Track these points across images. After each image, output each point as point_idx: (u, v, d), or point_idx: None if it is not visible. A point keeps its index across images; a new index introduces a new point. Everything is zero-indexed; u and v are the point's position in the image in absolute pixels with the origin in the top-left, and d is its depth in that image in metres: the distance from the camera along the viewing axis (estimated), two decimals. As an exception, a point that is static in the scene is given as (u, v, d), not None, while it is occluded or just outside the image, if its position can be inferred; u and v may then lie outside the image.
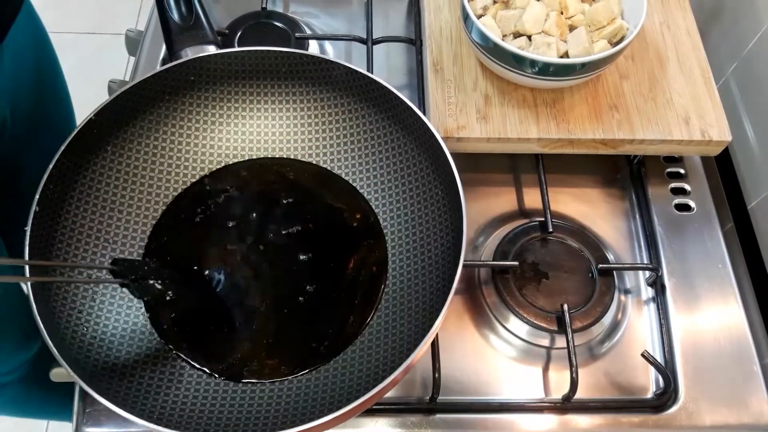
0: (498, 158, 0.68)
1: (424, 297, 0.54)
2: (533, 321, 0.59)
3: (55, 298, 0.51)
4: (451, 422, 0.57)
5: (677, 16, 0.71)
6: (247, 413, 0.50)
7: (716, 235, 0.66)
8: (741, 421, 0.57)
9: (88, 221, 0.55)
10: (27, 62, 0.74)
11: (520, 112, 0.64)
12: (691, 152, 0.67)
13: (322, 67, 0.59)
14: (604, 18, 0.62)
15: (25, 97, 0.75)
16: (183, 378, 0.52)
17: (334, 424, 0.44)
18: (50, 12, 0.82)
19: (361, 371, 0.52)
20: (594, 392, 0.58)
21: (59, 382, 0.61)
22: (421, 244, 0.56)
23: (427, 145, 0.56)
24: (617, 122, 0.64)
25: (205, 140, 0.61)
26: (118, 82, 0.75)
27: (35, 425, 1.33)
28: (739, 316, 0.62)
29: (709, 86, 0.66)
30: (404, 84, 0.74)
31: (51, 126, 0.82)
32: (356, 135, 0.61)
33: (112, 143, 0.57)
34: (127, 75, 1.11)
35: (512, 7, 0.64)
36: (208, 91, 0.60)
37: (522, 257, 0.62)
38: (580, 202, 0.68)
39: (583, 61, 0.59)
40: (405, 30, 0.79)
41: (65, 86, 0.87)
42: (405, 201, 0.58)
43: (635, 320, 0.62)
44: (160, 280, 0.52)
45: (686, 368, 0.59)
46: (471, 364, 0.59)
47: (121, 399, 0.48)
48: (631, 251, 0.66)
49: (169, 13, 0.60)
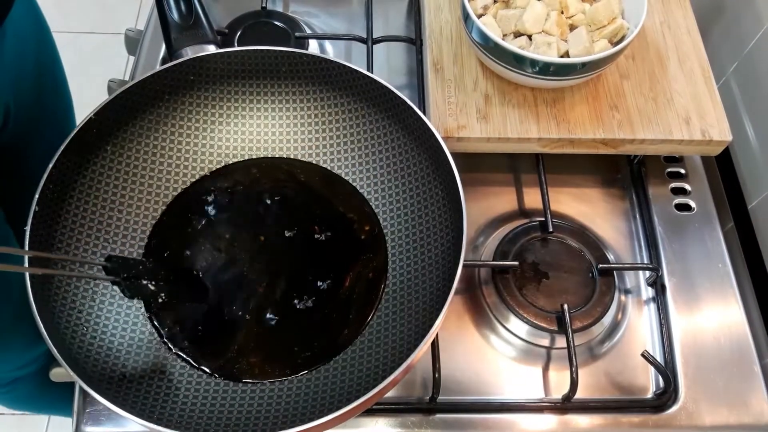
0: (498, 158, 0.68)
1: (424, 297, 0.53)
2: (533, 321, 0.59)
3: (54, 298, 0.51)
4: (451, 422, 0.57)
5: (678, 16, 0.71)
6: (247, 413, 0.50)
7: (716, 235, 0.66)
8: (741, 421, 0.57)
9: (87, 221, 0.55)
10: (28, 51, 0.74)
11: (520, 111, 0.64)
12: (691, 152, 0.67)
13: (322, 66, 0.59)
14: (604, 17, 0.62)
15: (27, 87, 0.75)
16: (183, 378, 0.52)
17: (334, 424, 0.44)
18: (50, 11, 0.82)
19: (361, 371, 0.52)
20: (594, 392, 0.58)
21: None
22: (421, 244, 0.56)
23: (427, 144, 0.56)
24: (618, 122, 0.64)
25: (204, 140, 0.61)
26: (118, 82, 0.75)
27: (35, 425, 1.33)
28: (739, 316, 0.62)
29: (709, 86, 0.66)
30: (404, 84, 0.74)
31: (51, 117, 0.82)
32: (356, 135, 0.61)
33: (112, 143, 0.57)
34: (127, 74, 1.11)
35: (513, 6, 0.64)
36: (207, 91, 0.60)
37: (522, 257, 0.62)
38: (581, 202, 0.68)
39: (583, 60, 0.59)
40: (405, 29, 0.78)
41: (65, 78, 0.87)
42: (405, 201, 0.58)
43: (635, 320, 0.62)
44: (154, 280, 0.51)
45: (686, 368, 0.59)
46: (471, 364, 0.59)
47: (121, 399, 0.48)
48: (631, 251, 0.66)
49: (168, 13, 0.60)
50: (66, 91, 0.88)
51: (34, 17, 0.77)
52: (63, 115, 0.87)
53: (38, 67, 0.77)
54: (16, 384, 0.88)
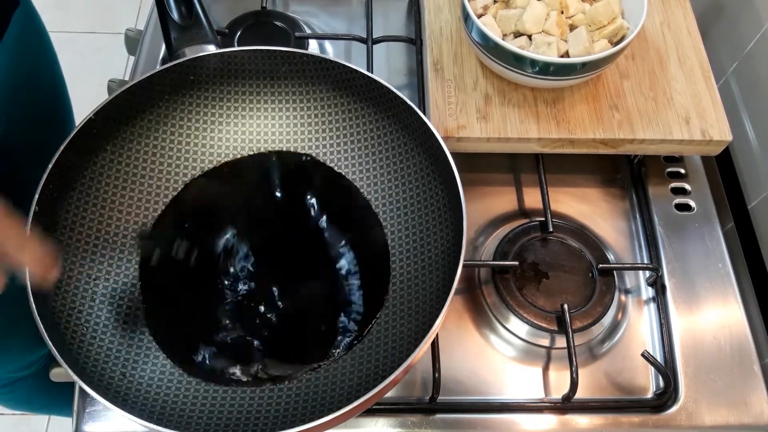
0: (498, 158, 0.68)
1: (424, 297, 0.53)
2: (533, 321, 0.59)
3: (54, 298, 0.51)
4: (451, 422, 0.57)
5: (678, 16, 0.71)
6: (247, 413, 0.50)
7: (716, 235, 0.66)
8: (741, 421, 0.57)
9: (87, 221, 0.55)
10: (24, 55, 0.74)
11: (520, 111, 0.64)
12: (691, 152, 0.67)
13: (322, 66, 0.59)
14: (604, 17, 0.62)
15: (23, 92, 0.75)
16: (183, 378, 0.52)
17: (334, 424, 0.44)
18: (50, 11, 0.82)
19: (361, 371, 0.52)
20: (594, 392, 0.58)
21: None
22: (421, 244, 0.56)
23: (427, 144, 0.56)
24: (617, 122, 0.64)
25: (204, 140, 0.61)
26: (118, 82, 0.74)
27: (35, 425, 1.33)
28: (739, 316, 0.62)
29: (709, 86, 0.66)
30: (404, 84, 0.74)
31: (49, 121, 0.82)
32: (356, 134, 0.61)
33: (112, 143, 0.57)
34: (127, 74, 1.11)
35: (513, 6, 0.64)
36: (207, 91, 0.60)
37: (522, 257, 0.62)
38: (580, 201, 0.68)
39: (583, 60, 0.59)
40: (405, 29, 0.78)
41: (63, 81, 0.87)
42: (405, 201, 0.58)
43: (635, 320, 0.62)
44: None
45: (686, 368, 0.59)
46: (471, 364, 0.59)
47: (121, 399, 0.48)
48: (631, 251, 0.66)
49: (168, 13, 0.60)
50: (64, 93, 0.88)
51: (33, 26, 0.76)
52: (61, 117, 0.87)
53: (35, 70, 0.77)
54: (17, 384, 0.88)
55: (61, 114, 0.87)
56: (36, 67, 0.78)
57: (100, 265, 0.55)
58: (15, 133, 0.75)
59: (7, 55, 0.68)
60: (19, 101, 0.75)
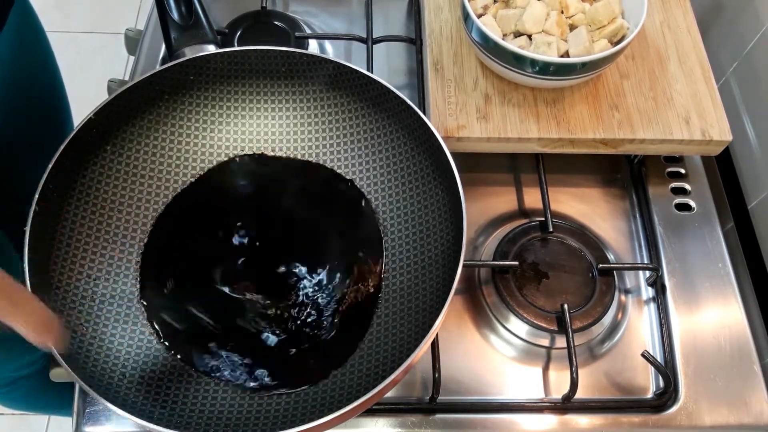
0: (498, 158, 0.68)
1: (424, 297, 0.53)
2: (533, 321, 0.59)
3: (54, 299, 0.51)
4: (451, 422, 0.57)
5: (678, 16, 0.71)
6: (247, 413, 0.50)
7: (716, 235, 0.66)
8: (741, 421, 0.57)
9: (87, 221, 0.55)
10: (21, 52, 0.74)
11: (520, 111, 0.64)
12: (691, 152, 0.67)
13: (322, 66, 0.59)
14: (604, 17, 0.62)
15: (20, 89, 0.75)
16: (183, 378, 0.52)
17: (334, 424, 0.44)
18: (50, 11, 0.82)
19: (361, 371, 0.52)
20: (594, 392, 0.58)
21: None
22: (421, 244, 0.56)
23: (427, 144, 0.56)
24: (618, 122, 0.64)
25: (204, 139, 0.61)
26: (118, 82, 0.74)
27: (35, 425, 1.33)
28: (739, 316, 0.62)
29: (709, 86, 0.66)
30: (404, 84, 0.74)
31: (47, 121, 0.82)
32: (356, 134, 0.61)
33: (112, 143, 0.57)
34: (127, 74, 1.11)
35: (513, 6, 0.64)
36: (207, 91, 0.60)
37: (522, 257, 0.62)
38: (580, 201, 0.68)
39: (583, 60, 0.59)
40: (405, 29, 0.78)
41: (61, 81, 0.86)
42: (405, 201, 0.58)
43: (635, 320, 0.62)
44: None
45: (686, 368, 0.59)
46: (471, 364, 0.59)
47: (121, 399, 0.48)
48: (631, 251, 0.66)
49: (168, 13, 0.60)
50: (62, 92, 0.88)
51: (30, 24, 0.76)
52: (60, 116, 0.87)
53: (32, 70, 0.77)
54: (17, 384, 0.88)
55: (60, 113, 0.87)
56: (33, 65, 0.77)
57: (100, 265, 0.55)
58: (11, 128, 0.75)
59: (2, 51, 0.68)
60: (15, 98, 0.74)
